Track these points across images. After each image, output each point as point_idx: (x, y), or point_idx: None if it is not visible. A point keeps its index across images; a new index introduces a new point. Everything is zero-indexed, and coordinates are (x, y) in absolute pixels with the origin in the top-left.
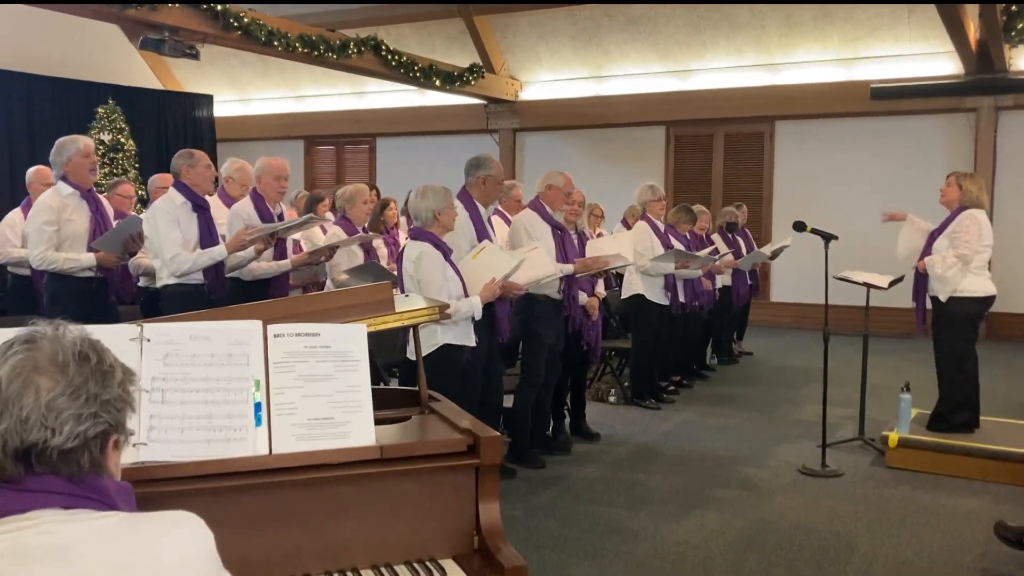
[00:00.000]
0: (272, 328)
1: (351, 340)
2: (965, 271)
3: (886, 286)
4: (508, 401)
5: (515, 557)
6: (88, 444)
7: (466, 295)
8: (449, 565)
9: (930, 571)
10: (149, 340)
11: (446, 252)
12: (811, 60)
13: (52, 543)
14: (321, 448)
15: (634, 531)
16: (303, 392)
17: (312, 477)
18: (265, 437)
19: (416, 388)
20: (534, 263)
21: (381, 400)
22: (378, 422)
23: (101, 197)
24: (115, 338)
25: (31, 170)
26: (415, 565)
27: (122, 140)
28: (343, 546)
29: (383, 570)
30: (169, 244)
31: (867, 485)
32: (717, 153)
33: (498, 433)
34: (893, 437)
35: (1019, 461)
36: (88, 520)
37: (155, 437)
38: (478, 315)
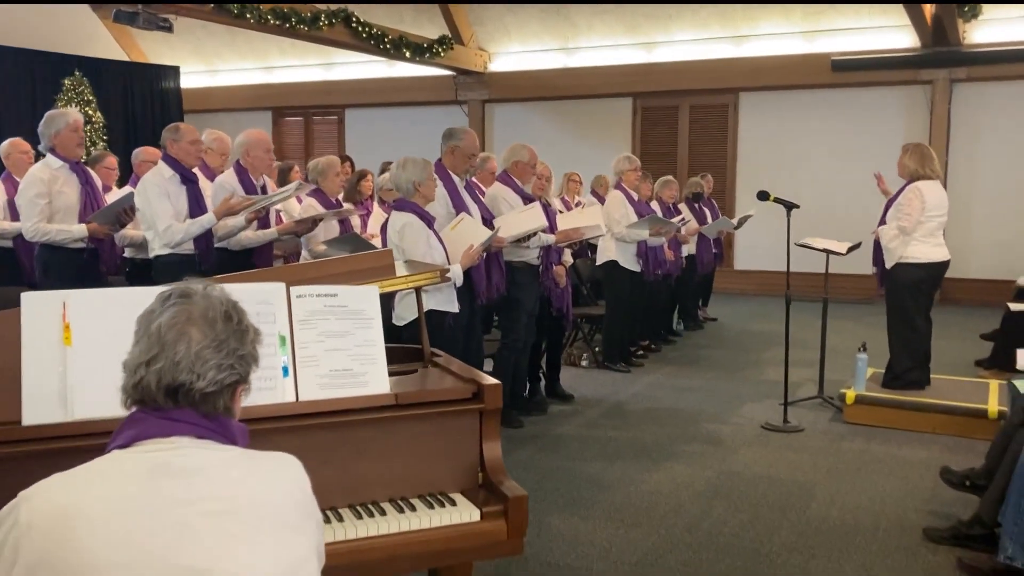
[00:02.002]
0: (294, 290)
1: (365, 300)
2: (907, 241)
3: (844, 252)
4: (487, 365)
5: (516, 488)
6: (223, 390)
7: (448, 263)
8: (458, 498)
9: (882, 513)
10: None
11: (429, 221)
12: (774, 33)
13: (187, 464)
14: (342, 395)
15: (608, 482)
16: (324, 347)
17: (335, 421)
18: (292, 386)
19: (417, 346)
20: (528, 218)
21: (388, 357)
22: (388, 375)
23: (89, 169)
24: (152, 298)
25: (6, 143)
26: (428, 498)
27: (89, 112)
28: (364, 482)
29: (400, 502)
30: (161, 216)
31: (826, 439)
32: (683, 124)
33: (499, 381)
34: (850, 394)
35: (965, 414)
36: (215, 450)
37: None
38: (459, 281)
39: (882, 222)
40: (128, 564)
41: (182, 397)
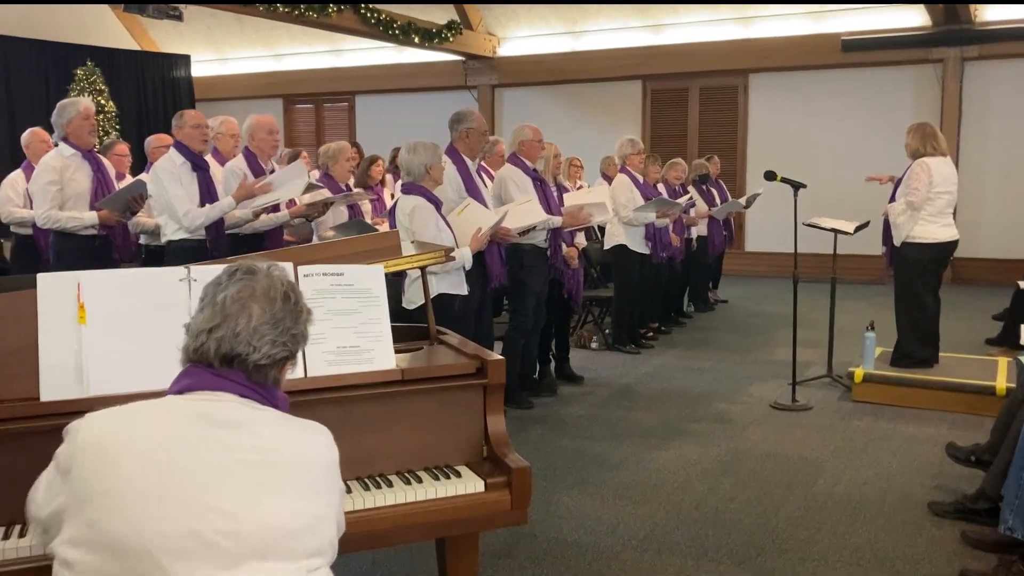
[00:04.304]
0: (302, 269)
1: (371, 279)
2: (915, 217)
3: (852, 231)
4: (496, 347)
5: (520, 460)
6: (274, 364)
7: (457, 247)
8: (463, 469)
9: (888, 489)
10: (196, 280)
11: (438, 205)
12: (783, 13)
13: (230, 416)
14: (349, 371)
15: (617, 461)
16: (332, 324)
17: (342, 396)
18: (301, 363)
19: (423, 325)
20: (527, 212)
21: (394, 335)
22: (395, 352)
23: (101, 157)
24: (167, 278)
25: (27, 132)
26: (433, 470)
27: (102, 102)
28: (371, 455)
29: (406, 475)
30: (179, 201)
31: (834, 417)
32: (692, 106)
33: (502, 357)
34: (859, 373)
35: (973, 392)
36: (256, 409)
37: None
38: (468, 265)
39: (891, 201)
40: (160, 496)
41: (237, 364)
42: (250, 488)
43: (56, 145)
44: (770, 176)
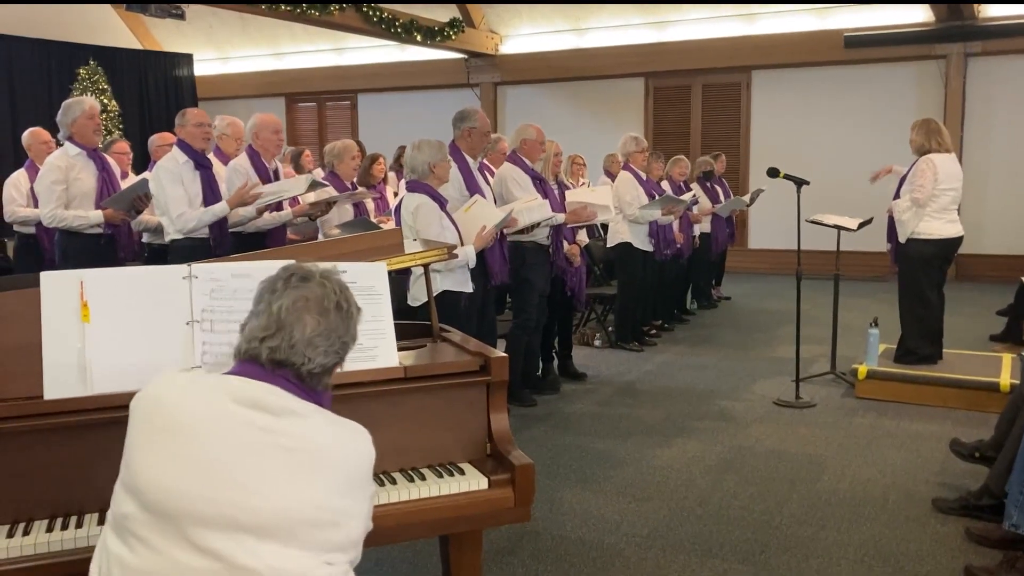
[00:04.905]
0: None
1: (374, 276)
2: (920, 214)
3: (855, 228)
4: (499, 345)
5: (523, 457)
6: (326, 371)
7: (461, 244)
8: (466, 467)
9: (892, 486)
10: (197, 277)
11: (442, 203)
12: (786, 10)
13: (275, 403)
14: (352, 369)
15: (621, 458)
16: None
17: (346, 394)
18: None
19: (426, 323)
20: (533, 209)
21: (398, 333)
22: (398, 350)
23: (106, 156)
24: (169, 277)
25: (27, 133)
26: (437, 467)
27: (105, 101)
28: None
29: (410, 472)
30: (174, 203)
31: (837, 414)
32: (695, 103)
33: (505, 354)
34: (862, 369)
35: (977, 388)
36: (297, 402)
37: (207, 361)
38: (472, 263)
39: (896, 197)
40: (190, 458)
41: (289, 368)
42: (278, 471)
43: (60, 144)
44: (773, 173)
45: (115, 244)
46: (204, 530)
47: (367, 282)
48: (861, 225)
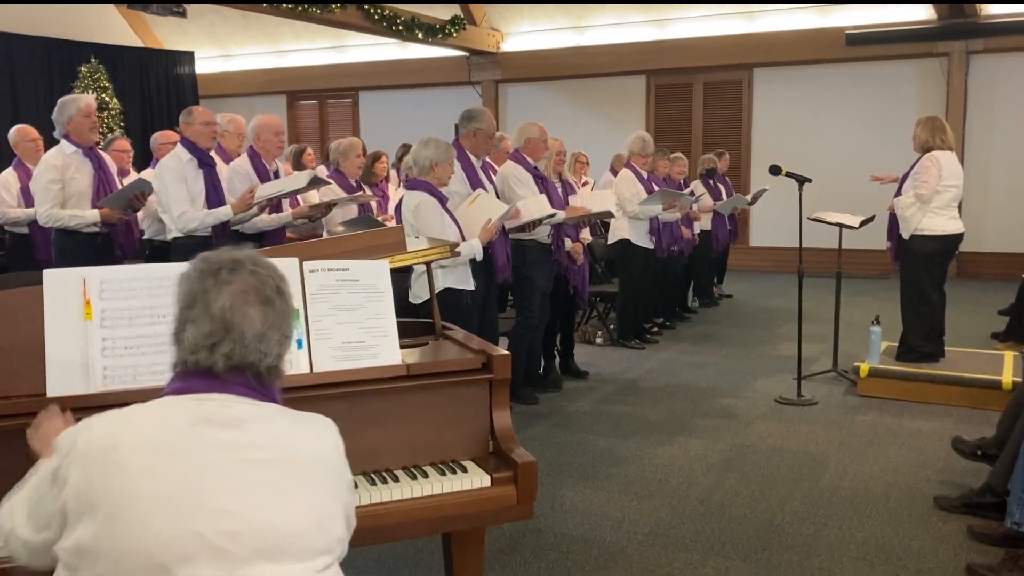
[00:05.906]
0: (307, 264)
1: (376, 274)
2: (924, 210)
3: (857, 225)
4: (501, 343)
5: (526, 455)
6: (280, 362)
7: (463, 240)
8: (469, 464)
9: (894, 484)
10: None
11: (442, 200)
12: (787, 8)
13: (233, 414)
14: (355, 367)
15: (623, 456)
16: (337, 319)
17: (348, 391)
18: (306, 358)
19: (428, 321)
20: (534, 206)
21: (400, 331)
22: (400, 347)
23: (103, 154)
24: (172, 274)
25: (13, 130)
26: (440, 465)
27: (106, 99)
28: (377, 450)
29: (413, 470)
30: (177, 202)
31: (839, 412)
32: (697, 101)
33: (508, 352)
34: (864, 367)
35: (979, 386)
36: (258, 406)
37: None
38: (479, 256)
39: (898, 195)
40: (163, 500)
41: (247, 370)
42: (255, 487)
43: (56, 142)
44: (775, 171)
45: (112, 242)
46: (193, 567)
47: (369, 280)
48: (863, 223)
